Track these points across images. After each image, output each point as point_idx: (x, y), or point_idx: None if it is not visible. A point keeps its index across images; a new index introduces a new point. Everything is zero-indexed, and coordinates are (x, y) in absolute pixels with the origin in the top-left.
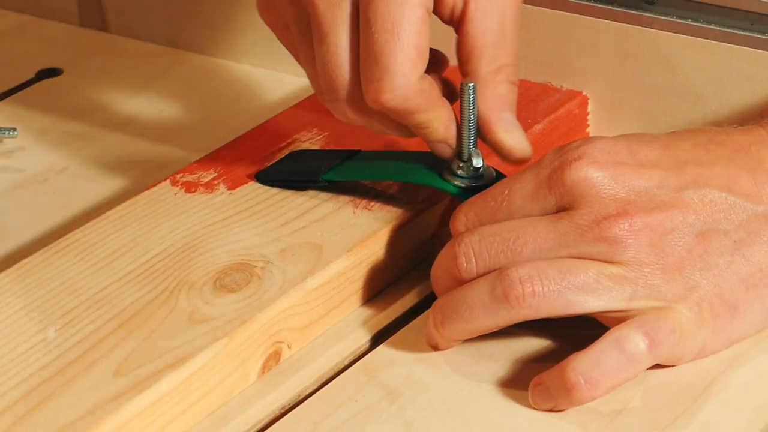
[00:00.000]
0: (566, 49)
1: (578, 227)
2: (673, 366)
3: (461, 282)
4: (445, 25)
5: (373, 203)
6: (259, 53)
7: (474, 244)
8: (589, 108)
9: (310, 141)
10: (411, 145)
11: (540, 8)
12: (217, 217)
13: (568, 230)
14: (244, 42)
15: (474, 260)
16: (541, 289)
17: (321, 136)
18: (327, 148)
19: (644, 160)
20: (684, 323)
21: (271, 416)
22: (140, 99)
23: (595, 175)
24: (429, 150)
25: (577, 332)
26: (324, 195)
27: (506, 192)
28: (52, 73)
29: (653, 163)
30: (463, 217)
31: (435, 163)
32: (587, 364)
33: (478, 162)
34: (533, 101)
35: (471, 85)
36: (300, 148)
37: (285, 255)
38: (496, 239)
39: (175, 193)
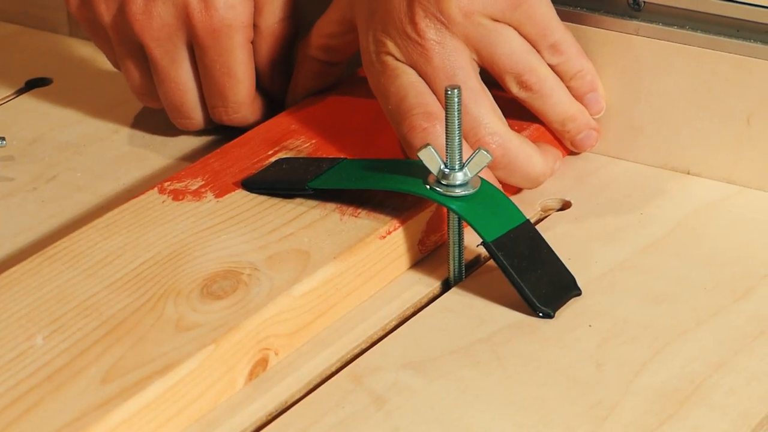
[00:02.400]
0: None
1: None
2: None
3: None
4: None
5: (359, 210)
6: None
7: None
8: None
9: (297, 149)
10: (397, 153)
11: None
12: (204, 224)
13: None
14: None
15: None
16: None
17: (308, 143)
18: (314, 156)
19: None
20: None
21: (258, 423)
22: (128, 108)
23: None
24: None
25: None
26: (311, 202)
27: None
28: (41, 82)
29: None
30: None
31: (421, 171)
32: None
33: (461, 177)
34: (521, 108)
35: (456, 90)
36: (287, 156)
37: (272, 262)
38: None
39: (163, 201)
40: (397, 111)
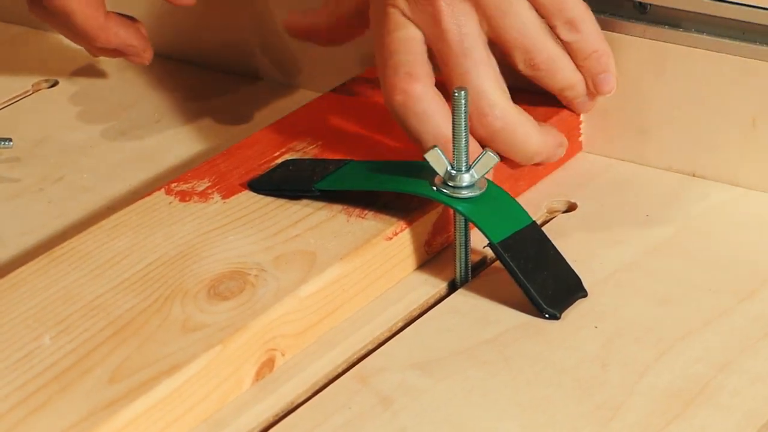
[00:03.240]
0: None
1: None
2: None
3: None
4: None
5: (366, 211)
6: (253, 64)
7: None
8: (582, 116)
9: (303, 150)
10: (403, 155)
11: None
12: (211, 225)
13: None
14: (237, 53)
15: None
16: None
17: (314, 145)
18: (321, 157)
19: None
20: None
21: (265, 424)
22: (135, 109)
23: None
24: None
25: None
26: (317, 203)
27: None
28: (47, 83)
29: None
30: None
31: (427, 172)
32: None
33: (467, 179)
34: (527, 110)
35: (463, 92)
36: (293, 158)
37: (279, 263)
38: None
39: (170, 202)
40: (383, 66)
